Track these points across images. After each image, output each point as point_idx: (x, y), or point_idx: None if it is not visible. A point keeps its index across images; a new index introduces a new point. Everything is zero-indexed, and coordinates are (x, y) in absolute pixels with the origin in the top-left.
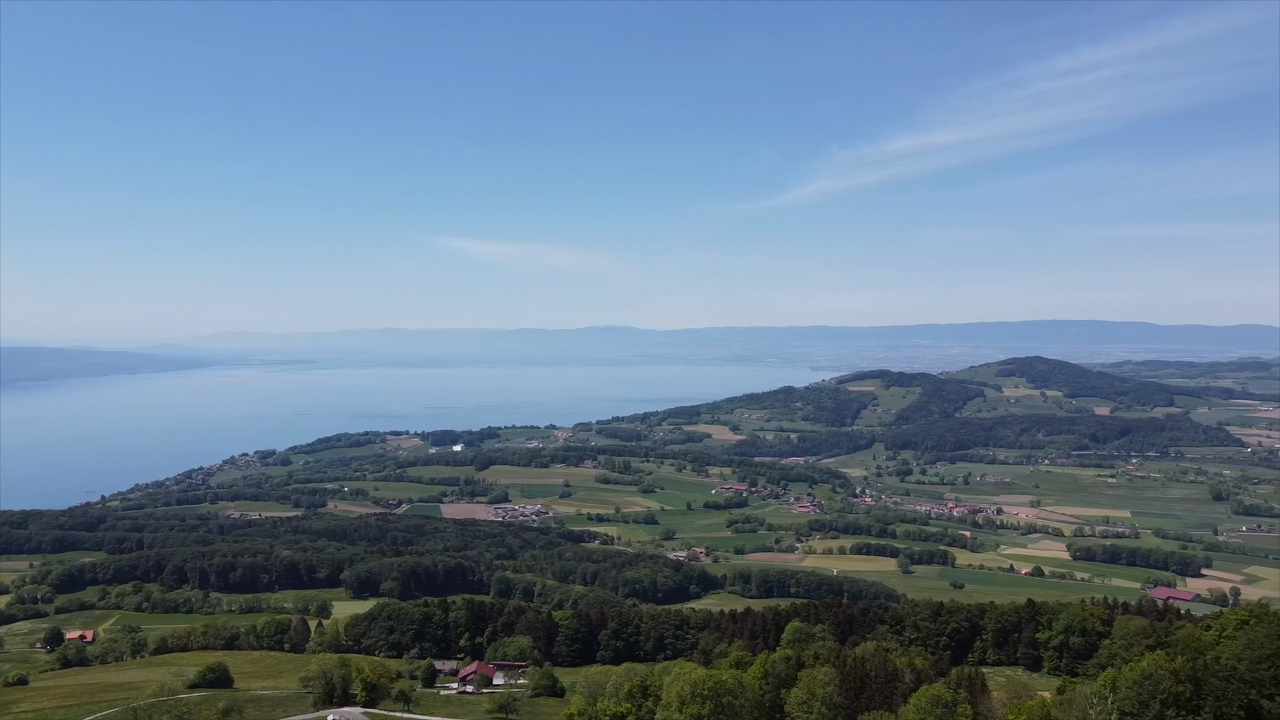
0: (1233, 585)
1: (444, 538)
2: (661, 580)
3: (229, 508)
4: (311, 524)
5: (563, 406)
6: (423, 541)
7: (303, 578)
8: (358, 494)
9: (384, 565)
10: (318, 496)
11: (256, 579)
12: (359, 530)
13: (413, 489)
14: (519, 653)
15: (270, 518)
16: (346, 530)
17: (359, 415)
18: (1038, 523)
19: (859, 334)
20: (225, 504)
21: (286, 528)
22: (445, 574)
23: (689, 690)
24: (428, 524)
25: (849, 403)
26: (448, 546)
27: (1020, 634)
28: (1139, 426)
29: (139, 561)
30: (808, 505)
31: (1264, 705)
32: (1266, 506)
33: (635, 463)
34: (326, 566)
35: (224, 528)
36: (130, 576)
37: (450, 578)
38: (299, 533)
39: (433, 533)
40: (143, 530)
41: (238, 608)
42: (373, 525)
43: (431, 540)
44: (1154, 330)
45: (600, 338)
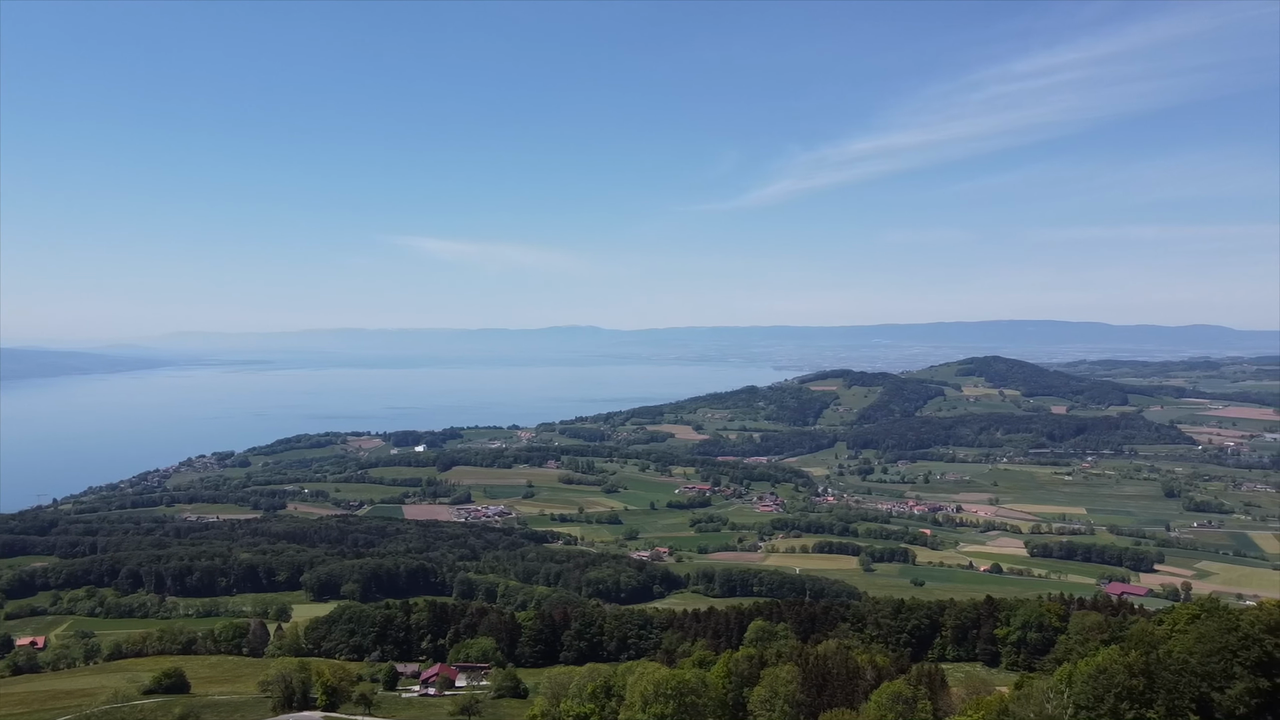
0: (1184, 580)
1: (406, 539)
2: (625, 580)
3: (185, 510)
4: (271, 526)
5: (526, 406)
6: (384, 543)
7: (262, 581)
8: (318, 496)
9: (345, 567)
10: (277, 498)
11: (214, 582)
12: (319, 532)
13: (374, 490)
14: (482, 654)
15: (228, 520)
16: (306, 532)
17: (319, 416)
18: (996, 520)
19: (821, 334)
20: (182, 506)
21: (245, 530)
22: (407, 576)
23: (652, 690)
24: (389, 525)
25: (811, 402)
26: (410, 548)
27: (979, 630)
28: (1094, 425)
29: (92, 566)
30: (770, 504)
31: (1214, 697)
32: (1217, 503)
33: (599, 463)
34: (286, 569)
35: (180, 530)
36: (83, 581)
37: (412, 579)
38: (258, 535)
39: (394, 534)
40: (96, 534)
41: (195, 612)
42: (333, 527)
43: (393, 542)
44: (1108, 330)
45: (564, 337)
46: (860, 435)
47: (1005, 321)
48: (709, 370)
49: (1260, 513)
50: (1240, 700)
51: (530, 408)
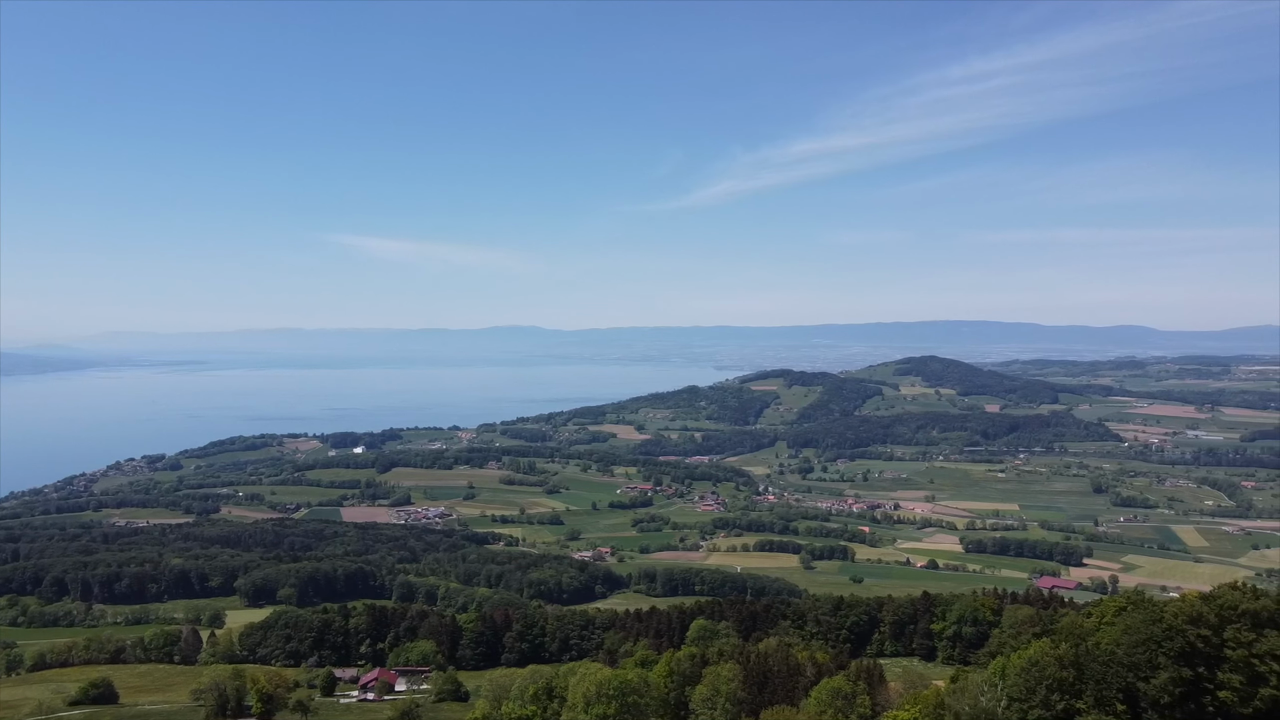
0: (1111, 573)
1: (344, 542)
2: (567, 581)
3: (114, 515)
4: (203, 530)
5: (467, 407)
6: (322, 546)
7: (194, 586)
8: (253, 499)
9: (281, 571)
10: (210, 502)
11: (144, 589)
12: (254, 536)
13: (311, 493)
14: (422, 657)
15: (159, 525)
16: (241, 536)
17: (255, 418)
18: (933, 517)
19: (762, 334)
20: (110, 511)
21: (176, 535)
22: (345, 579)
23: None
24: (327, 528)
25: (752, 402)
26: (348, 551)
27: (916, 625)
28: (1026, 423)
29: (14, 573)
30: (712, 503)
31: (1140, 687)
32: (1142, 498)
33: (540, 463)
34: (220, 574)
35: (108, 536)
36: (5, 590)
37: (351, 583)
38: (190, 540)
39: (332, 537)
40: (18, 540)
41: (124, 619)
42: (269, 530)
43: (331, 545)
44: (1040, 330)
45: (505, 337)
46: (801, 434)
47: (941, 322)
48: (651, 370)
49: (1183, 507)
50: (1164, 689)
51: (471, 408)
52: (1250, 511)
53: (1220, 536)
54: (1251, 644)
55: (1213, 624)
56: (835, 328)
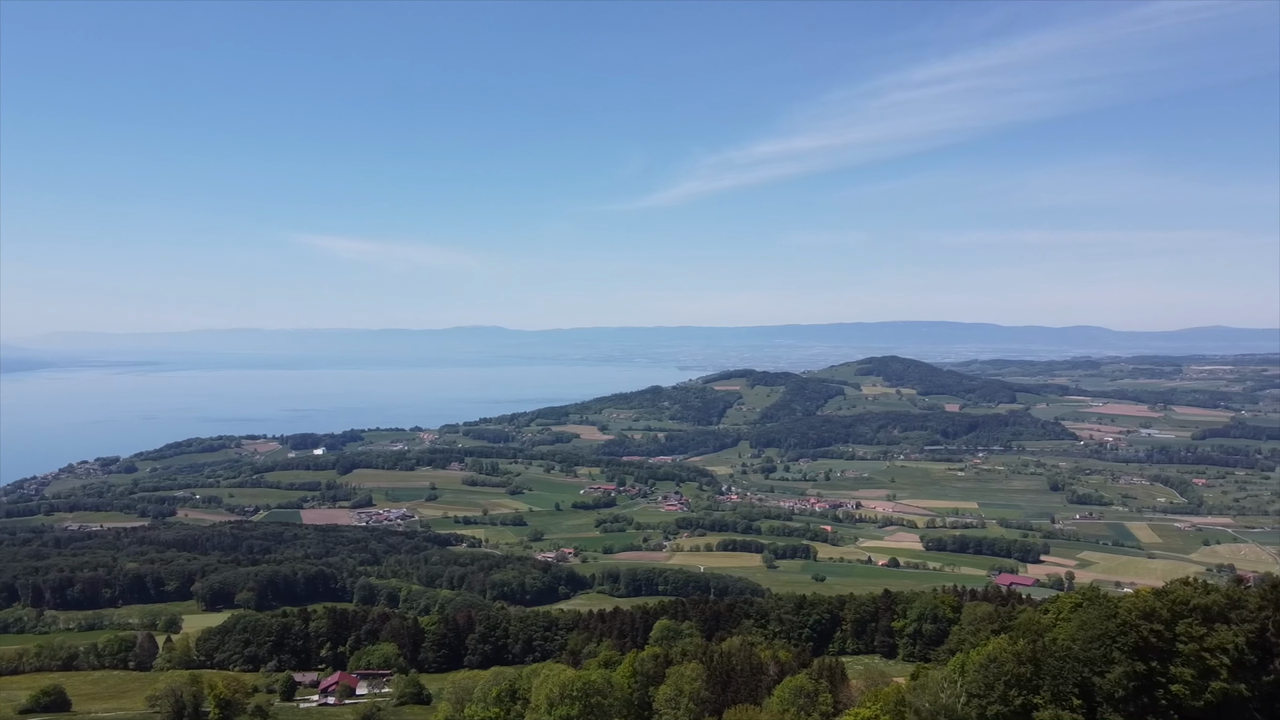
0: (1068, 570)
1: (304, 545)
2: (530, 582)
3: (66, 519)
4: (159, 534)
5: (429, 408)
6: (281, 549)
7: (150, 591)
8: (211, 501)
9: (239, 575)
10: (166, 505)
11: (98, 594)
12: (212, 539)
13: (271, 495)
14: (383, 660)
15: (113, 528)
16: (198, 539)
17: (212, 419)
18: (894, 515)
19: (725, 334)
20: (62, 515)
21: (131, 539)
22: (305, 582)
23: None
24: (287, 531)
25: (715, 402)
26: (308, 554)
27: (877, 623)
28: (985, 422)
29: None
30: (675, 504)
31: (1095, 682)
32: (1097, 496)
33: (503, 464)
34: (176, 578)
35: (60, 540)
36: None
37: (311, 586)
38: (145, 544)
39: (292, 540)
40: None
41: (76, 626)
42: (227, 534)
43: (291, 548)
44: (998, 331)
45: (467, 338)
46: (763, 434)
47: (902, 322)
48: (614, 370)
49: (1136, 504)
50: (1119, 684)
51: (433, 409)
52: (1201, 508)
53: (1172, 533)
54: (1202, 638)
55: (1165, 619)
56: (797, 328)
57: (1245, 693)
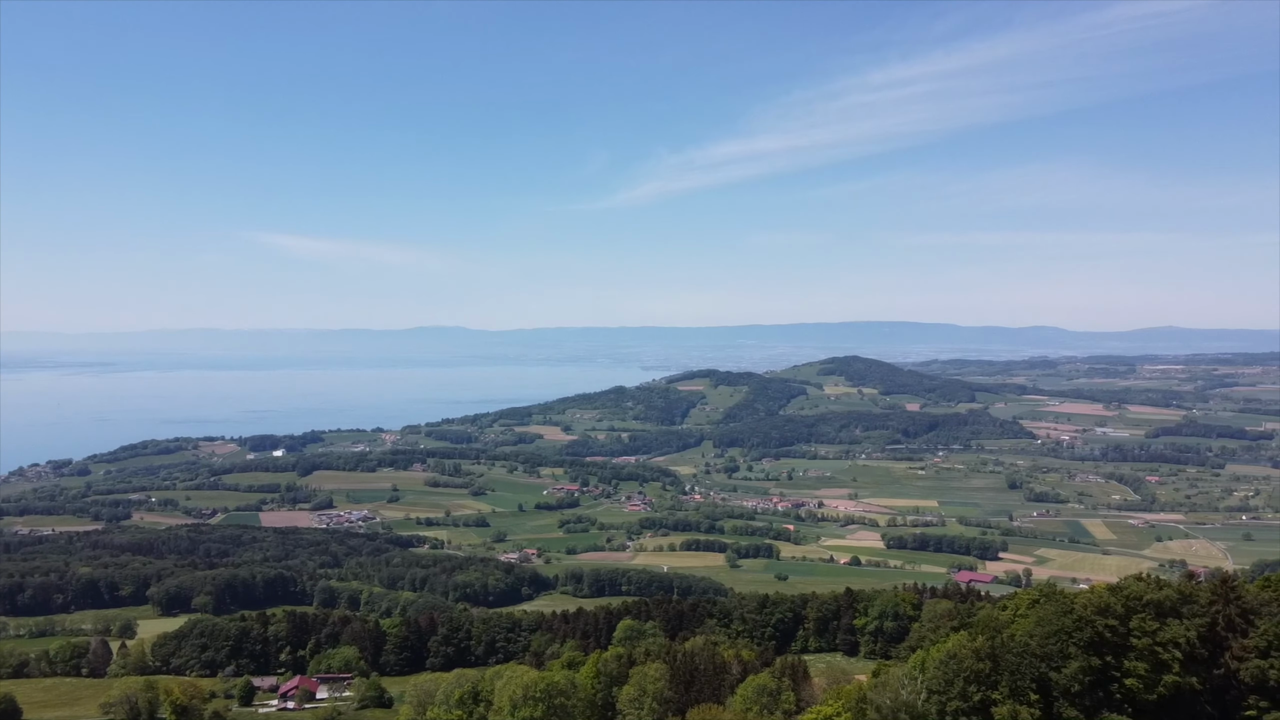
0: (1025, 567)
1: (263, 547)
2: (493, 583)
3: (16, 523)
4: (114, 538)
5: (391, 409)
6: (240, 552)
7: (104, 596)
8: (167, 504)
9: (196, 579)
10: (121, 508)
11: (49, 600)
12: (168, 543)
13: (229, 497)
14: (344, 664)
15: (66, 533)
16: (154, 543)
17: (168, 421)
18: (855, 514)
19: (688, 334)
20: (12, 519)
21: (85, 543)
22: (265, 585)
23: (521, 693)
24: (245, 534)
25: (679, 402)
26: (267, 556)
27: (839, 621)
28: (945, 421)
29: None
30: (639, 504)
31: (1052, 677)
32: (1054, 493)
33: (466, 465)
34: (131, 583)
35: (10, 545)
36: None
37: (270, 589)
38: (99, 548)
39: (251, 543)
40: None
41: (27, 632)
42: (184, 537)
43: (249, 550)
44: (957, 331)
45: (429, 338)
46: (726, 434)
47: (864, 322)
48: (577, 371)
49: (1092, 502)
50: (1075, 678)
51: (395, 410)
52: (1154, 505)
53: (1126, 529)
54: (1155, 633)
55: (1119, 614)
56: (760, 328)
57: (1196, 686)
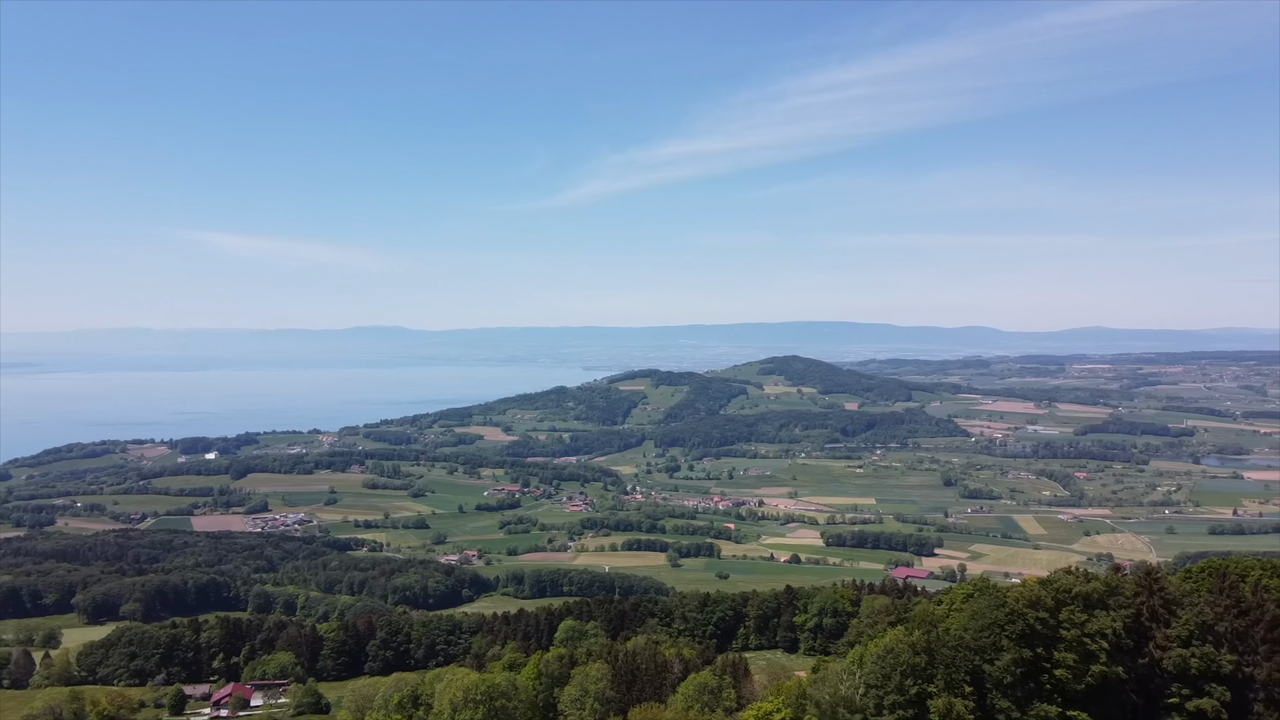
0: (960, 562)
1: (195, 552)
2: (433, 585)
3: None
4: (36, 544)
5: (328, 410)
6: (170, 558)
7: (26, 605)
8: (93, 509)
9: (124, 586)
10: (44, 514)
11: None
12: (94, 549)
13: (159, 501)
14: (280, 670)
15: None
16: (79, 549)
17: (95, 423)
18: (795, 512)
19: (630, 334)
20: None
21: (5, 549)
22: (197, 591)
23: (461, 696)
24: (176, 538)
25: (620, 402)
26: (200, 562)
27: (780, 619)
28: (882, 420)
29: None
30: (580, 504)
31: (986, 669)
32: (987, 490)
33: (405, 466)
34: (55, 591)
35: None
36: None
37: (203, 595)
38: (21, 555)
39: (182, 548)
40: None
41: None
42: (111, 543)
43: (181, 556)
44: (895, 331)
45: (367, 338)
46: (667, 434)
47: (803, 322)
48: (518, 371)
49: (1023, 498)
50: (1007, 670)
51: (333, 411)
52: (1083, 500)
53: (1056, 524)
54: (1084, 624)
55: (1050, 607)
56: (701, 328)
57: (1122, 675)
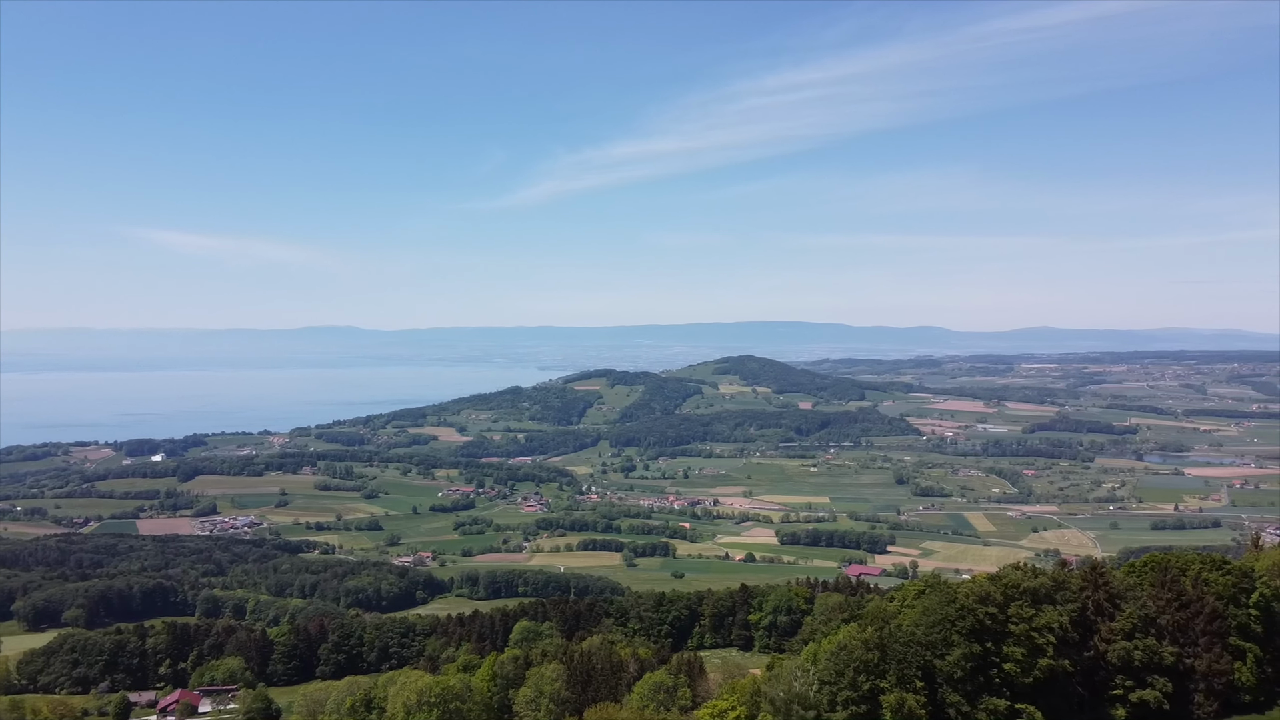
0: (912, 559)
1: (141, 557)
2: (386, 587)
3: None
4: None
5: (279, 410)
6: (115, 562)
7: None
8: (34, 513)
9: (67, 591)
10: None
11: None
12: (35, 554)
13: (103, 505)
14: (229, 675)
15: None
16: (19, 555)
17: (35, 425)
18: (750, 511)
19: (585, 334)
20: None
21: None
22: (143, 596)
23: (415, 699)
24: (121, 542)
25: (575, 402)
26: (146, 566)
27: (735, 617)
28: (836, 419)
29: None
30: (535, 504)
31: (936, 665)
32: (939, 488)
33: (358, 467)
34: None
35: None
36: None
37: (149, 600)
38: None
39: (127, 552)
40: None
41: None
42: (53, 547)
43: (126, 560)
44: (848, 331)
45: (320, 338)
46: (623, 433)
47: (758, 322)
48: (473, 371)
49: (974, 495)
50: (958, 665)
51: (284, 411)
52: (1031, 497)
53: (1005, 521)
54: (1031, 619)
55: (999, 602)
56: (656, 328)
57: (1069, 668)
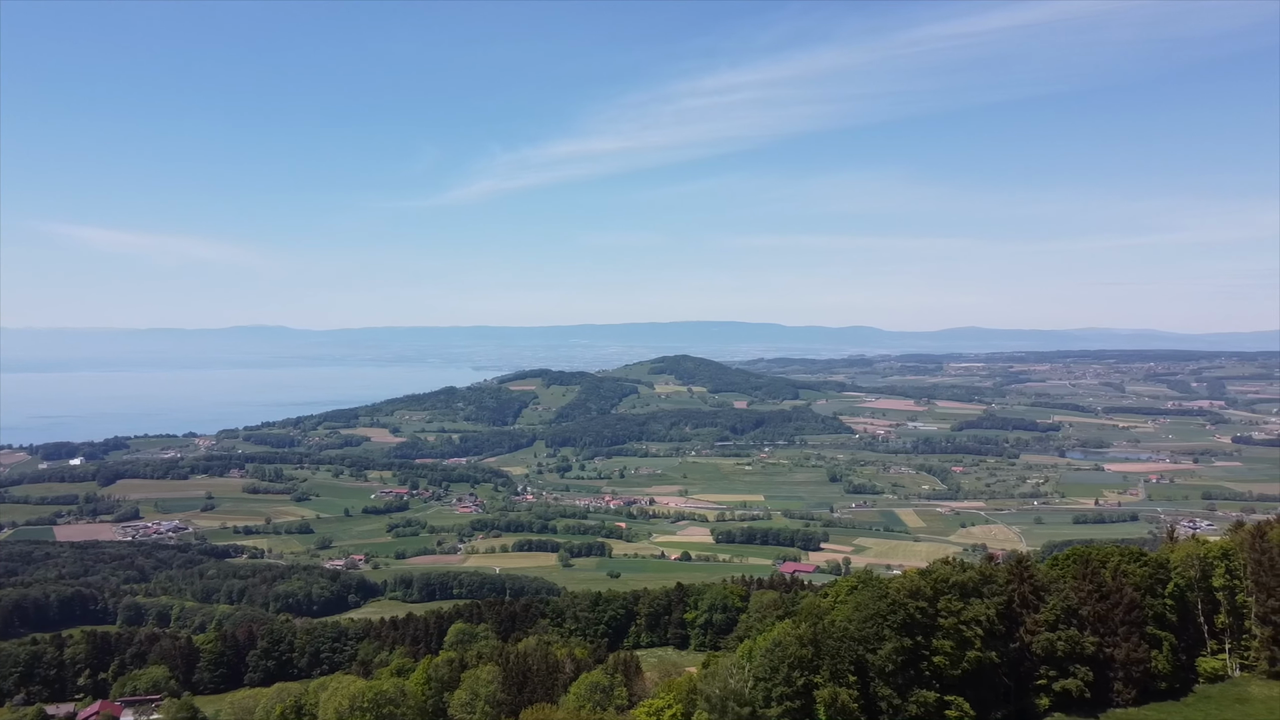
0: (845, 556)
1: (59, 564)
2: (317, 591)
3: None
4: None
5: (205, 412)
6: (30, 570)
7: None
8: None
9: None
10: None
11: None
12: None
13: (17, 511)
14: (152, 685)
15: None
16: None
17: None
18: (686, 510)
19: (521, 334)
20: None
21: None
22: (60, 605)
23: (347, 704)
24: (37, 550)
25: (511, 402)
26: (63, 574)
27: (671, 616)
28: (771, 418)
29: None
30: (470, 505)
31: (869, 659)
32: (871, 485)
33: (288, 470)
34: None
35: None
36: None
37: (67, 609)
38: None
39: (44, 559)
40: None
41: None
42: None
43: (42, 568)
44: (782, 330)
45: (248, 337)
46: (559, 433)
47: (693, 322)
48: (406, 371)
49: (904, 492)
50: (889, 659)
51: (210, 413)
52: (959, 493)
53: (935, 517)
54: (960, 612)
55: (929, 596)
56: (592, 328)
57: (996, 659)
